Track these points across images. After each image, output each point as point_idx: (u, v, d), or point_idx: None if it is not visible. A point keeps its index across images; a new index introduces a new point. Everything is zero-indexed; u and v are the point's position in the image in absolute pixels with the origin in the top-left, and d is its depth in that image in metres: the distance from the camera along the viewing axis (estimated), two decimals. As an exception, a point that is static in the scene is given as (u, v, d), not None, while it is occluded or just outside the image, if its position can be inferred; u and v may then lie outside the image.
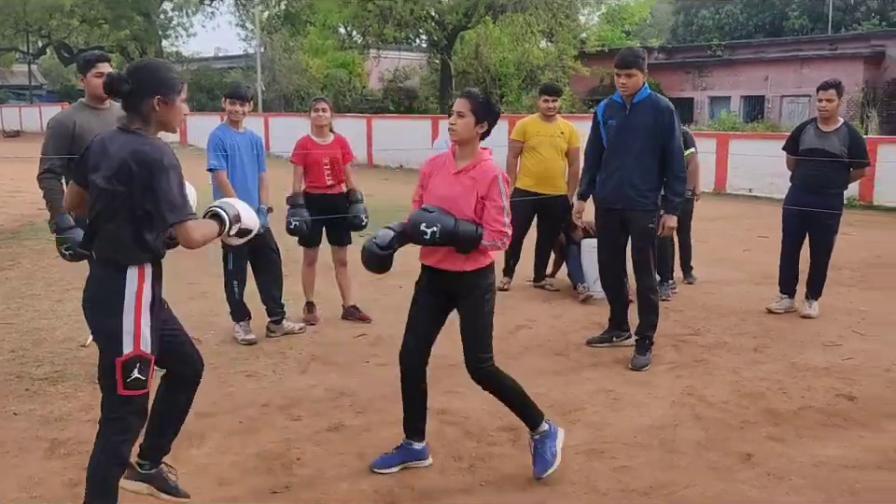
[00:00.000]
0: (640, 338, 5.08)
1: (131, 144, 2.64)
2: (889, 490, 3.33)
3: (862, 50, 21.90)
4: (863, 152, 5.99)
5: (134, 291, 2.69)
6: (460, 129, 3.38)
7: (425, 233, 3.31)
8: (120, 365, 2.67)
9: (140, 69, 2.77)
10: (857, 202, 12.75)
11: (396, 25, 21.32)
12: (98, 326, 2.76)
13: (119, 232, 2.67)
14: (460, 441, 3.85)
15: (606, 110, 5.12)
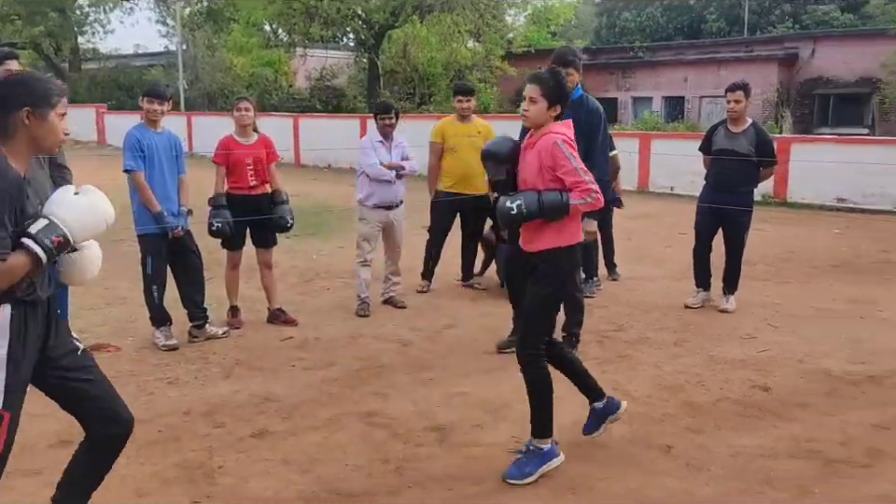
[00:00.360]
0: (567, 335, 5.13)
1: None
2: (800, 477, 3.46)
3: (777, 52, 22.74)
4: (771, 151, 6.22)
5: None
6: (533, 115, 3.37)
7: (511, 209, 3.31)
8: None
9: (6, 79, 2.46)
10: (771, 199, 13.23)
11: (322, 24, 21.09)
12: None
13: None
14: (387, 443, 3.82)
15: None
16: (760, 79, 21.87)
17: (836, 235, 10.23)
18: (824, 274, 7.76)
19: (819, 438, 3.87)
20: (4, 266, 2.25)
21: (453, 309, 6.33)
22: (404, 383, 4.65)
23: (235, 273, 5.79)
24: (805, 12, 30.25)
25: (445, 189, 6.77)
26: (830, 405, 4.31)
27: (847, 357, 5.14)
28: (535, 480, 3.39)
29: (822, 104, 22.23)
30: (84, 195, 2.45)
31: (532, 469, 3.41)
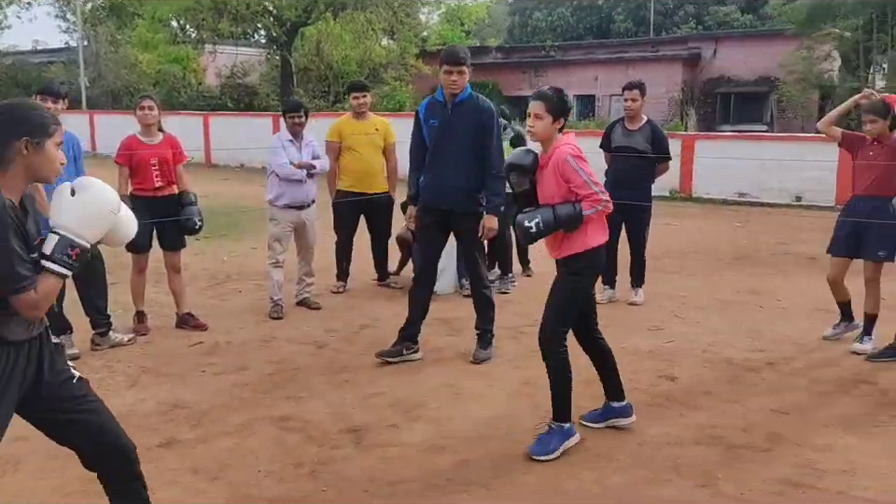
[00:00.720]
0: (481, 332, 5.14)
1: None
2: (705, 463, 3.59)
3: (681, 53, 23.56)
4: (665, 148, 6.40)
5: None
6: (539, 130, 3.65)
7: (530, 227, 3.58)
8: None
9: (2, 107, 2.35)
10: (678, 194, 13.70)
11: (231, 20, 20.62)
12: None
13: None
14: (301, 446, 3.77)
15: (427, 110, 4.99)
16: (665, 78, 22.62)
17: (737, 228, 10.68)
18: (727, 267, 8.08)
19: (722, 424, 4.02)
20: (37, 296, 2.22)
21: (369, 309, 6.30)
22: (319, 385, 4.59)
23: (141, 278, 5.60)
24: (708, 13, 31.46)
25: (345, 188, 6.68)
26: (732, 392, 4.49)
27: (747, 345, 5.36)
28: (558, 455, 3.61)
29: (724, 102, 23.15)
30: (80, 192, 2.35)
31: (556, 446, 3.64)
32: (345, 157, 6.64)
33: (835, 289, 5.34)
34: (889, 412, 4.20)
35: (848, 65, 17.96)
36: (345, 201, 6.64)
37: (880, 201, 5.08)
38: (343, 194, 6.67)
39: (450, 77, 4.78)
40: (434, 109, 4.95)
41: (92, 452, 2.51)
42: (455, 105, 4.86)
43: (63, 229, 2.29)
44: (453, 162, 4.85)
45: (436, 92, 4.99)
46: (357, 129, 6.67)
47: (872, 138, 5.09)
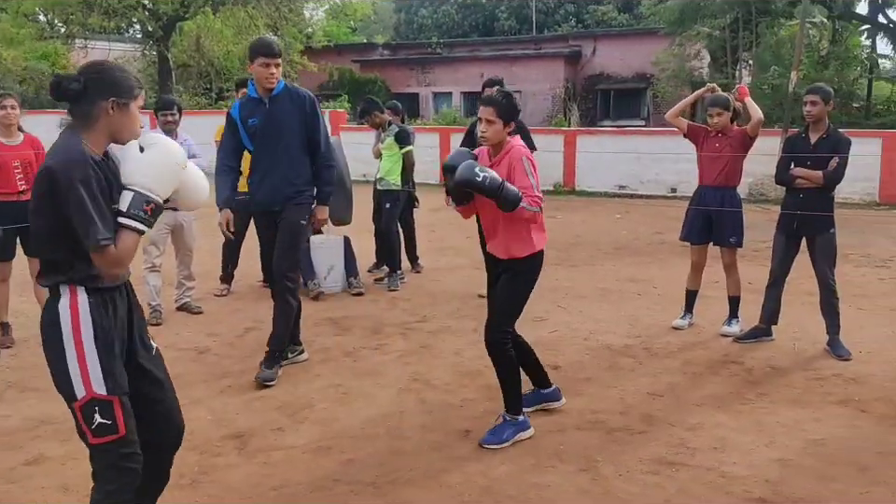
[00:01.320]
0: (269, 351, 4.65)
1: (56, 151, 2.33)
2: (586, 448, 3.70)
3: (563, 50, 24.17)
4: (529, 140, 6.43)
5: (69, 321, 2.31)
6: (491, 135, 3.73)
7: (477, 175, 3.56)
8: (79, 411, 2.34)
9: (93, 67, 2.42)
10: (562, 188, 14.10)
11: (103, 14, 19.63)
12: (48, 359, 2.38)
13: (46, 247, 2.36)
14: (181, 456, 3.60)
15: (242, 109, 4.64)
16: (548, 75, 23.19)
17: (617, 220, 11.08)
18: (607, 257, 8.37)
19: (601, 409, 4.16)
20: (117, 252, 2.28)
21: (254, 311, 6.15)
22: (200, 392, 4.45)
23: (4, 287, 5.27)
24: (587, 12, 32.41)
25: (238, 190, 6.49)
26: (611, 378, 4.66)
27: (626, 332, 5.58)
28: (510, 444, 3.72)
29: (604, 98, 23.94)
30: (149, 149, 2.42)
31: (509, 436, 3.75)
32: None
33: (694, 275, 5.63)
34: (756, 390, 4.46)
35: (717, 62, 18.94)
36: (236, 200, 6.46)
37: (727, 190, 5.41)
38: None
39: (268, 70, 4.45)
40: (250, 107, 4.61)
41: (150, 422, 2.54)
42: (273, 99, 4.56)
43: (137, 185, 2.35)
44: (282, 159, 4.59)
45: (247, 89, 4.69)
46: None
47: (716, 130, 5.39)
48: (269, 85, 4.50)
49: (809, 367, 4.85)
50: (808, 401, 4.29)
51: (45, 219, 2.31)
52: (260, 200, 4.72)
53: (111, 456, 2.38)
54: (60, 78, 2.37)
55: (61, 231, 2.28)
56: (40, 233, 2.35)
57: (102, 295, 2.38)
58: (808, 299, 6.06)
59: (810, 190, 5.02)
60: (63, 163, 2.26)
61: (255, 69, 4.47)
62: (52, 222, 2.29)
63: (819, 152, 5.01)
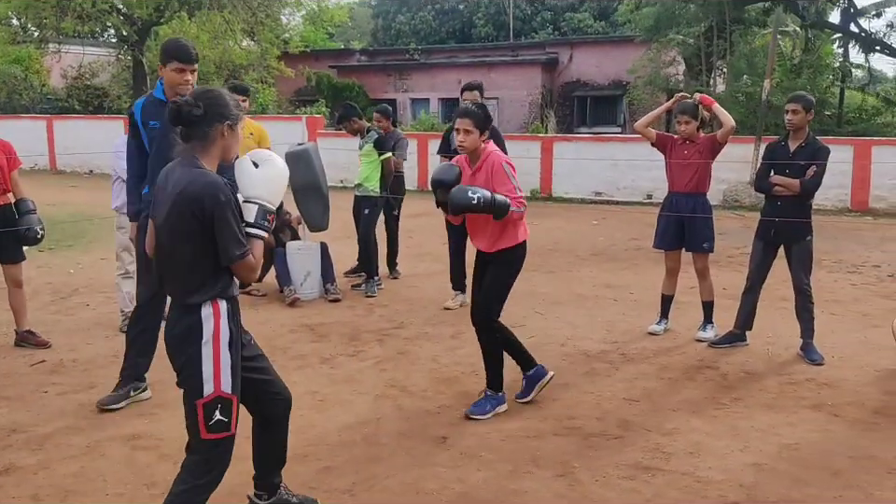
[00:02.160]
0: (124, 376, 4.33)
1: (195, 181, 2.55)
2: (563, 454, 3.71)
3: (540, 57, 24.28)
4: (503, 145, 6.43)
5: (211, 330, 2.59)
6: (469, 144, 4.05)
7: (472, 198, 3.89)
8: (201, 408, 2.58)
9: (209, 93, 2.67)
10: (538, 194, 14.14)
11: (76, 18, 19.40)
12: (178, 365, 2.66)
13: (186, 271, 2.61)
14: (154, 465, 3.59)
15: (145, 110, 4.23)
16: (526, 82, 23.29)
17: (594, 226, 11.14)
18: (584, 263, 8.40)
19: (578, 415, 4.17)
20: (254, 260, 2.63)
21: (229, 318, 6.08)
22: (174, 400, 4.32)
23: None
24: (563, 20, 32.63)
25: None
26: (588, 383, 4.67)
27: (602, 337, 5.60)
28: (490, 416, 4.12)
29: (581, 105, 24.06)
30: (263, 165, 2.72)
31: (490, 409, 4.16)
32: None
33: (669, 280, 5.67)
34: (730, 395, 4.50)
35: (692, 70, 19.12)
36: None
37: (698, 197, 5.46)
38: None
39: (182, 77, 4.09)
40: (154, 109, 4.18)
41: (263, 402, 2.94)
42: None
43: (258, 198, 2.67)
44: None
45: (155, 90, 4.27)
46: None
47: (683, 138, 5.44)
48: (181, 92, 4.00)
49: (783, 371, 4.90)
50: (782, 406, 4.33)
51: (192, 244, 2.56)
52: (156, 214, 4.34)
53: (214, 452, 2.65)
54: (181, 105, 2.59)
55: (206, 253, 2.57)
56: (184, 259, 2.59)
57: (232, 304, 2.67)
58: (782, 304, 6.12)
59: (788, 198, 5.08)
60: (207, 188, 2.52)
61: (167, 73, 4.12)
62: (199, 245, 2.56)
63: (797, 160, 5.06)
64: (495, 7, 33.85)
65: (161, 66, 4.15)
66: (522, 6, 33.12)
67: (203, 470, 2.64)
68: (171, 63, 4.09)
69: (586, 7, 32.59)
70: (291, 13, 25.93)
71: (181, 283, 2.62)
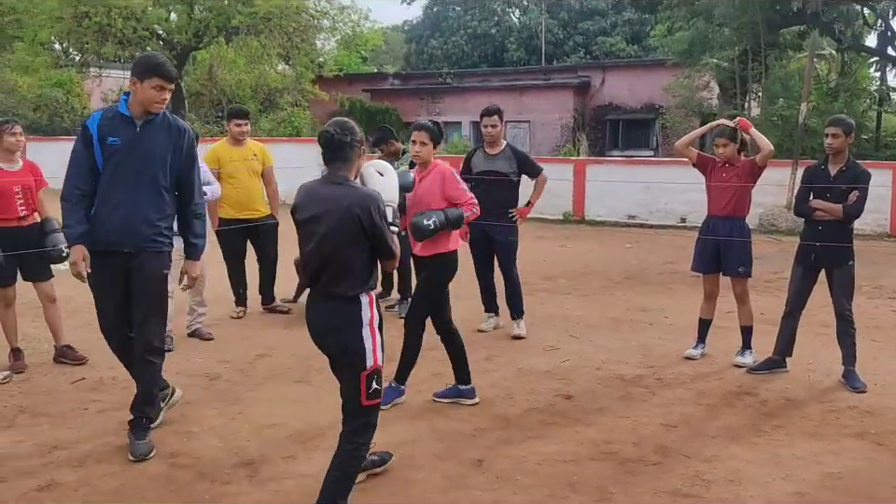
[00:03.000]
0: (136, 417, 4.01)
1: (350, 194, 3.15)
2: (600, 479, 3.67)
3: (571, 81, 24.32)
4: (532, 165, 6.35)
5: (369, 315, 3.19)
6: (424, 155, 4.65)
7: (429, 225, 4.41)
8: (364, 378, 3.14)
9: (346, 124, 3.25)
10: (571, 217, 14.10)
11: (117, 43, 19.91)
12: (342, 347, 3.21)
13: (349, 269, 3.15)
14: (192, 483, 3.62)
15: (104, 125, 3.89)
16: (558, 105, 23.32)
17: (628, 249, 11.06)
18: (618, 286, 8.34)
19: (615, 440, 4.13)
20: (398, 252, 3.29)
21: (265, 338, 6.15)
22: (211, 419, 4.43)
23: (10, 312, 5.27)
24: (596, 44, 32.70)
25: (227, 217, 6.61)
26: (624, 408, 4.62)
27: (638, 362, 5.54)
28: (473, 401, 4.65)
29: (613, 128, 24.02)
30: (386, 175, 3.39)
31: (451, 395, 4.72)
32: (224, 185, 6.46)
33: (707, 304, 5.61)
34: (771, 422, 4.42)
35: (726, 93, 19.01)
36: (229, 229, 6.54)
37: (735, 220, 5.40)
38: (227, 222, 6.59)
39: (161, 94, 3.84)
40: (115, 125, 3.88)
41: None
42: (147, 122, 3.89)
43: (391, 201, 3.30)
44: (143, 192, 3.89)
45: (118, 105, 3.96)
46: (236, 155, 6.60)
47: (723, 161, 5.40)
48: (156, 110, 3.89)
49: (825, 399, 4.81)
50: (824, 434, 4.25)
51: (360, 249, 3.16)
52: (105, 237, 3.87)
53: (371, 416, 3.23)
54: (332, 134, 3.19)
55: (364, 252, 3.17)
56: (349, 258, 3.14)
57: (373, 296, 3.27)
58: (822, 330, 6.02)
59: (829, 222, 5.01)
60: (372, 201, 3.14)
61: (143, 88, 3.81)
62: (360, 246, 3.15)
63: (838, 184, 5.00)
64: (527, 31, 34.06)
65: (136, 81, 3.82)
66: (554, 30, 33.27)
67: (363, 431, 3.20)
68: (151, 80, 3.80)
69: (619, 31, 32.63)
70: (326, 38, 26.32)
71: (344, 279, 3.15)
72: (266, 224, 6.71)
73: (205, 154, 6.61)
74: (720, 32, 17.80)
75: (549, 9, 34.07)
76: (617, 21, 32.87)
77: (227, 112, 7.04)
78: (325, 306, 3.21)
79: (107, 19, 19.08)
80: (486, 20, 35.15)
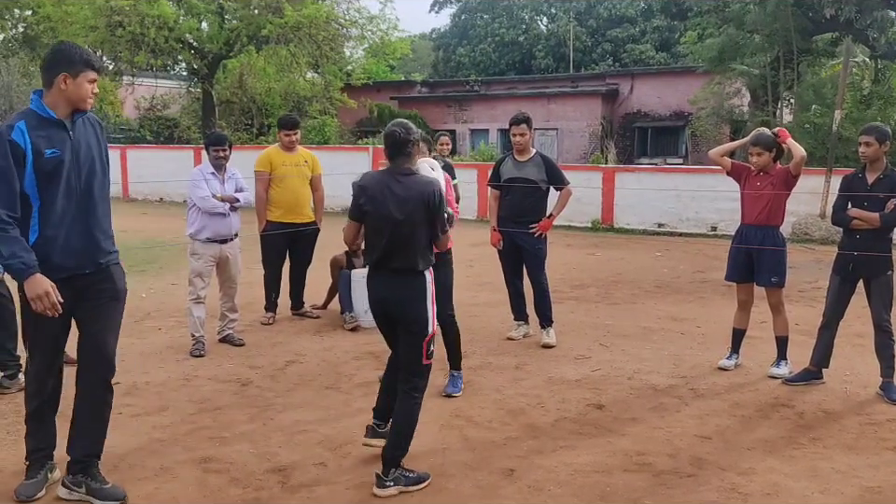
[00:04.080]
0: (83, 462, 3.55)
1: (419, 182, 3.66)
2: (633, 490, 3.62)
3: (600, 88, 24.23)
4: (561, 175, 6.27)
5: (430, 288, 3.69)
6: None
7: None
8: (426, 343, 3.65)
9: (408, 124, 3.72)
10: (600, 225, 14.01)
11: (150, 52, 20.19)
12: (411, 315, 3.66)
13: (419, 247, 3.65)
14: (224, 489, 3.63)
15: (36, 135, 3.26)
16: (586, 113, 23.24)
17: (657, 258, 10.96)
18: (648, 295, 8.26)
19: (648, 451, 4.07)
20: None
21: (295, 344, 6.17)
22: (243, 424, 4.45)
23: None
24: (624, 51, 32.56)
25: (275, 219, 6.71)
26: (657, 418, 4.56)
27: (670, 371, 5.47)
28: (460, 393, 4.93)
29: (641, 135, 23.88)
30: (436, 170, 4.10)
31: (461, 384, 5.04)
32: (274, 188, 6.66)
33: (741, 314, 5.53)
34: (808, 434, 4.34)
35: (757, 101, 18.79)
36: (275, 233, 6.62)
37: (769, 229, 5.32)
38: (273, 225, 6.68)
39: (94, 89, 3.40)
40: (47, 133, 3.29)
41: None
42: (74, 125, 3.39)
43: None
44: (95, 206, 3.45)
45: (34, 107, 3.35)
46: (287, 160, 6.71)
47: (757, 169, 5.33)
48: (88, 107, 3.41)
49: (862, 411, 4.71)
50: (863, 447, 4.16)
51: (427, 229, 3.67)
52: (63, 262, 3.34)
53: (427, 372, 3.75)
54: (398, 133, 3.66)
55: (430, 233, 3.69)
56: (420, 239, 3.64)
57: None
58: (858, 341, 5.91)
59: (867, 231, 4.92)
60: (437, 186, 3.69)
61: (78, 84, 3.32)
62: (428, 228, 3.67)
63: (876, 193, 4.91)
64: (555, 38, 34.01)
65: (67, 76, 3.29)
66: (582, 37, 33.19)
67: (422, 386, 3.74)
68: (85, 73, 3.32)
69: (648, 38, 32.46)
70: (354, 46, 26.48)
71: (416, 256, 3.63)
72: (309, 229, 6.83)
73: (258, 158, 6.76)
74: (751, 39, 17.61)
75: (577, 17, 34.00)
76: (646, 29, 32.73)
77: (277, 121, 7.16)
78: (395, 280, 3.66)
79: (140, 28, 19.36)
80: (514, 27, 35.19)
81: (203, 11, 21.35)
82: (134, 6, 19.31)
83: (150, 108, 25.91)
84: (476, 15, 36.58)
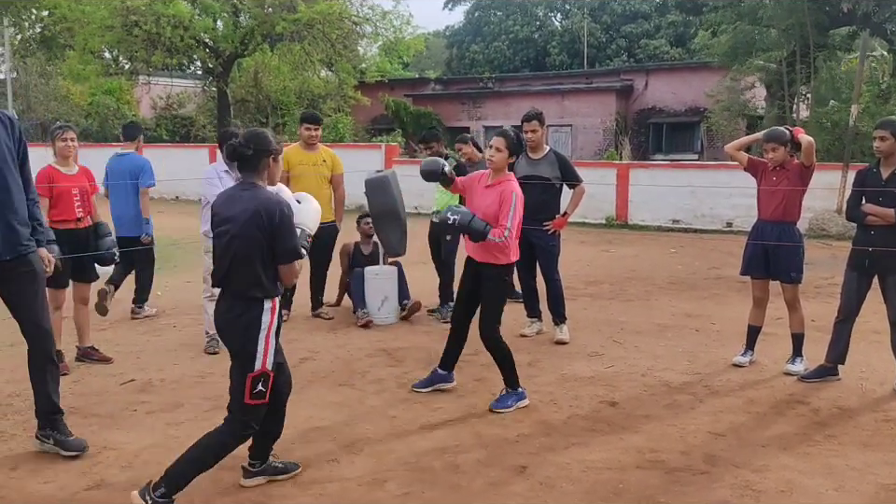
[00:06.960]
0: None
1: (257, 197, 3.28)
2: (646, 488, 3.61)
3: (614, 84, 24.13)
4: (574, 173, 6.26)
5: (267, 319, 3.30)
6: (498, 160, 4.65)
7: (448, 218, 4.56)
8: (250, 379, 3.26)
9: (254, 134, 3.40)
10: (614, 221, 13.96)
11: (166, 51, 20.33)
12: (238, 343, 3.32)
13: (258, 271, 3.27)
14: (237, 484, 3.65)
15: None
16: (600, 109, 23.16)
17: (672, 254, 10.91)
18: (662, 292, 8.23)
19: (661, 448, 4.06)
20: (298, 268, 3.35)
21: (309, 342, 6.19)
22: (256, 421, 4.46)
23: (58, 315, 5.38)
24: (639, 47, 32.41)
25: None
26: (670, 416, 4.54)
27: (684, 368, 5.45)
28: (513, 410, 4.59)
29: (656, 131, 23.76)
30: (304, 202, 3.53)
31: (512, 403, 4.65)
32: (291, 188, 6.57)
33: (756, 311, 5.49)
34: (823, 431, 4.30)
35: (773, 95, 18.66)
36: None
37: (785, 225, 5.27)
38: None
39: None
40: None
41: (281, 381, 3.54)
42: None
43: (303, 225, 3.42)
44: (8, 196, 3.72)
45: None
46: (306, 159, 6.68)
47: (773, 165, 5.28)
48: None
49: (878, 408, 4.67)
50: (879, 444, 4.12)
51: (264, 252, 3.26)
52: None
53: (252, 416, 3.33)
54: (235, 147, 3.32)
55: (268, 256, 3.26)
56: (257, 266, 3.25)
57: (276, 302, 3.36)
58: (875, 337, 5.86)
59: (881, 227, 4.87)
60: (277, 205, 3.26)
61: None
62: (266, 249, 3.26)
63: (891, 188, 4.86)
64: (569, 35, 33.90)
65: None
66: (596, 34, 33.06)
67: (238, 429, 3.32)
68: None
69: (662, 33, 32.29)
70: (368, 44, 26.52)
71: (250, 280, 3.26)
72: (328, 228, 6.73)
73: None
74: (766, 33, 17.48)
75: (591, 13, 33.87)
76: (661, 24, 32.56)
77: (299, 116, 7.14)
78: (231, 303, 3.34)
79: (156, 27, 19.50)
80: (528, 24, 35.11)
81: (217, 10, 21.47)
82: (150, 5, 19.45)
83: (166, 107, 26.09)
84: (490, 12, 36.52)
